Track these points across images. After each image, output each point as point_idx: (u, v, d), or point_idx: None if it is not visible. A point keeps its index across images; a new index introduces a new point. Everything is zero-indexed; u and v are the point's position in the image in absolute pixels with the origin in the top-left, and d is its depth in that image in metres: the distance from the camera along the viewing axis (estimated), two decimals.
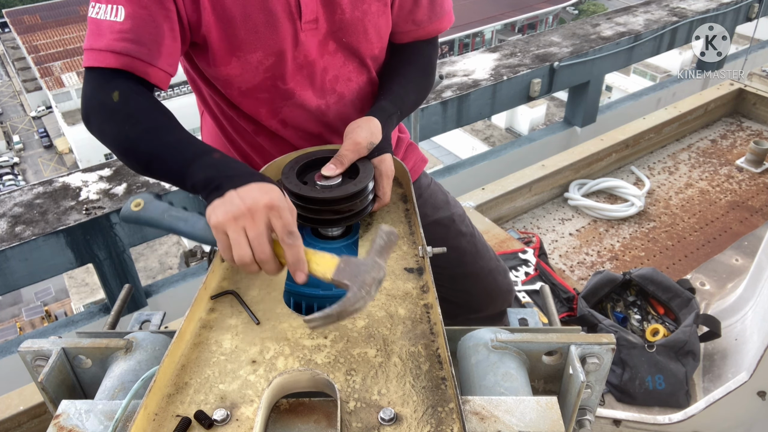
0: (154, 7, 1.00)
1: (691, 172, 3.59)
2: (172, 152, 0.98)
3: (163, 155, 0.99)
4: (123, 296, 1.16)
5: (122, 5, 0.98)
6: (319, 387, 0.80)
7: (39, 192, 2.78)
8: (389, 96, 1.22)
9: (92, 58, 1.00)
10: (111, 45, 0.98)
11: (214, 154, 0.97)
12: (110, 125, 1.01)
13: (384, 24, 1.20)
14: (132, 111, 1.00)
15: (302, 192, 1.03)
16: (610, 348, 0.86)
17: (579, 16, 31.71)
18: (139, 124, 1.00)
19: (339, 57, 1.18)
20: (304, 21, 1.09)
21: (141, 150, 1.00)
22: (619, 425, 1.95)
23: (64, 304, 16.30)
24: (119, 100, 0.99)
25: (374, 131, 1.12)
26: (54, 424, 0.76)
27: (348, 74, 1.22)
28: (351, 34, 1.15)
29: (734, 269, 2.69)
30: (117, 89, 0.99)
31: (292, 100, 1.19)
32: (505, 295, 1.65)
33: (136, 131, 0.99)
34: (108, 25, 0.99)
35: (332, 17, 1.12)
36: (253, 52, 1.10)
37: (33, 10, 31.19)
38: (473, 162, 4.09)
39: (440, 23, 1.29)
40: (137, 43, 0.99)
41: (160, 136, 0.99)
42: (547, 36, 4.42)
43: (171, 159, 0.98)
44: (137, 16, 0.99)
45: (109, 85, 1.00)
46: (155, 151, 0.99)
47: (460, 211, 1.55)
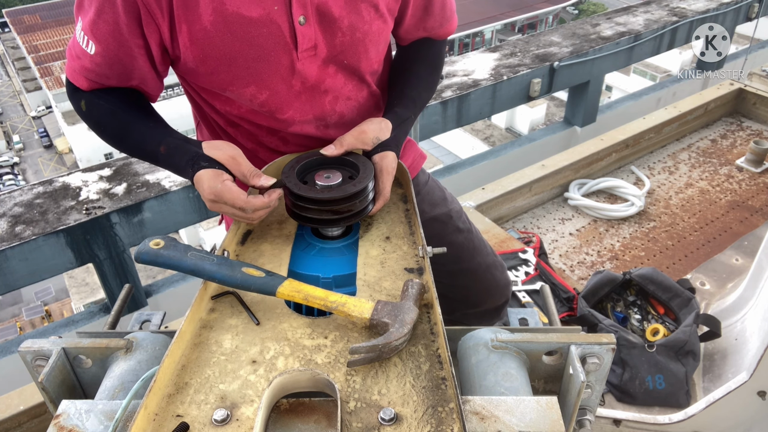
0: (122, 51, 1.03)
1: (691, 171, 3.59)
2: (140, 154, 1.13)
3: (137, 155, 1.15)
4: (123, 296, 1.16)
5: (93, 42, 1.03)
6: (320, 387, 0.80)
7: (39, 192, 2.78)
8: (403, 101, 1.22)
9: (69, 73, 1.10)
10: (83, 71, 1.07)
11: (161, 148, 1.07)
12: (91, 128, 1.14)
13: (384, 40, 1.19)
14: (97, 119, 1.12)
15: (302, 192, 1.03)
16: (610, 348, 0.86)
17: (579, 16, 31.71)
18: (106, 131, 1.13)
19: (339, 78, 1.16)
20: (301, 50, 1.06)
21: (121, 149, 1.16)
22: (619, 425, 1.95)
23: (63, 303, 16.30)
24: (86, 109, 1.11)
25: (383, 128, 1.14)
26: (54, 424, 0.76)
27: (348, 93, 1.20)
28: (352, 55, 1.13)
29: (734, 269, 2.69)
30: (83, 98, 1.10)
31: (292, 128, 1.18)
32: (503, 290, 1.66)
33: (107, 137, 1.13)
34: (82, 52, 1.06)
35: (332, 41, 1.09)
36: (246, 87, 1.09)
37: (33, 10, 31.18)
38: (473, 162, 4.09)
39: (449, 27, 1.29)
40: (106, 77, 1.07)
41: (123, 142, 1.12)
42: (547, 36, 4.41)
43: (144, 158, 1.13)
44: (105, 55, 1.04)
45: (78, 94, 1.11)
46: (129, 153, 1.16)
47: (458, 207, 1.55)
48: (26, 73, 29.88)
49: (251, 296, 0.97)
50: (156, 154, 1.08)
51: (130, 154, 1.17)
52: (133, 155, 1.18)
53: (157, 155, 1.08)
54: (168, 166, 1.09)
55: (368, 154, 1.14)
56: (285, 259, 1.05)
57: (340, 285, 1.02)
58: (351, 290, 0.98)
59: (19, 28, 30.17)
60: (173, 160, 1.06)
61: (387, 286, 0.98)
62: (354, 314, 0.87)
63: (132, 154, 1.17)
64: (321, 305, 0.89)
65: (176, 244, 0.95)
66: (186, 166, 1.04)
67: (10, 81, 32.01)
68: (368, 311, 0.87)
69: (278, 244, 1.09)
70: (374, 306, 0.88)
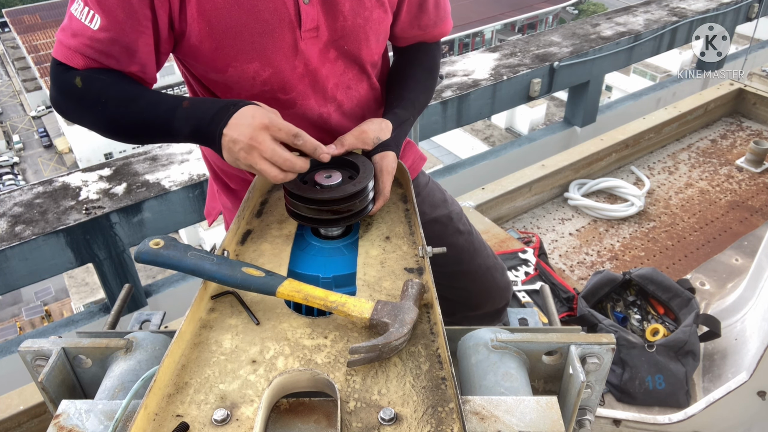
0: (129, 24, 0.99)
1: (691, 172, 3.59)
2: (150, 116, 1.01)
3: (144, 123, 1.02)
4: (123, 296, 1.16)
5: (99, 15, 0.98)
6: (319, 387, 0.80)
7: (39, 192, 2.78)
8: (401, 103, 1.23)
9: (61, 53, 1.02)
10: (81, 48, 1.00)
11: (184, 103, 1.00)
12: (84, 112, 1.04)
13: (384, 31, 1.20)
14: (98, 92, 1.01)
15: (302, 192, 1.03)
16: (610, 348, 0.86)
17: (579, 16, 31.71)
18: (109, 102, 1.02)
19: (339, 65, 1.17)
20: (304, 29, 1.07)
21: (123, 126, 1.04)
22: (619, 425, 1.95)
23: (63, 303, 16.30)
24: (83, 85, 1.01)
25: (384, 128, 1.14)
26: (54, 424, 0.76)
27: (348, 82, 1.21)
28: (352, 41, 1.14)
29: (734, 269, 2.69)
30: (78, 75, 1.01)
31: (294, 110, 1.18)
32: (503, 293, 1.66)
33: (110, 107, 1.02)
34: (82, 28, 0.99)
35: (334, 25, 1.10)
36: (249, 63, 1.08)
37: (33, 9, 31.20)
38: (473, 162, 4.09)
39: (444, 27, 1.31)
40: (107, 55, 1.01)
41: (131, 107, 1.02)
42: (547, 36, 4.42)
43: (152, 124, 1.02)
44: (111, 29, 0.99)
45: (71, 73, 1.02)
46: (135, 121, 1.03)
47: (458, 209, 1.55)
48: (26, 72, 29.88)
49: (251, 296, 0.97)
50: (173, 111, 0.99)
51: (130, 129, 1.04)
52: (134, 129, 1.04)
53: (174, 112, 0.99)
54: (188, 120, 0.99)
55: (368, 154, 1.14)
56: (285, 259, 1.05)
57: (340, 285, 1.02)
58: (351, 290, 0.98)
59: (18, 28, 30.17)
60: (199, 112, 0.99)
61: (387, 286, 0.98)
62: (354, 314, 0.87)
63: (134, 127, 1.04)
64: (321, 305, 0.89)
65: (176, 244, 0.95)
66: (220, 112, 0.97)
67: (10, 81, 32.01)
68: (368, 311, 0.87)
69: (278, 244, 1.09)
70: (374, 306, 0.88)
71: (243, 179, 1.35)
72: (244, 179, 1.35)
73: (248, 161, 0.95)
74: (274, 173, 0.96)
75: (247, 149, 0.94)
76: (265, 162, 0.95)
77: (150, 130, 1.03)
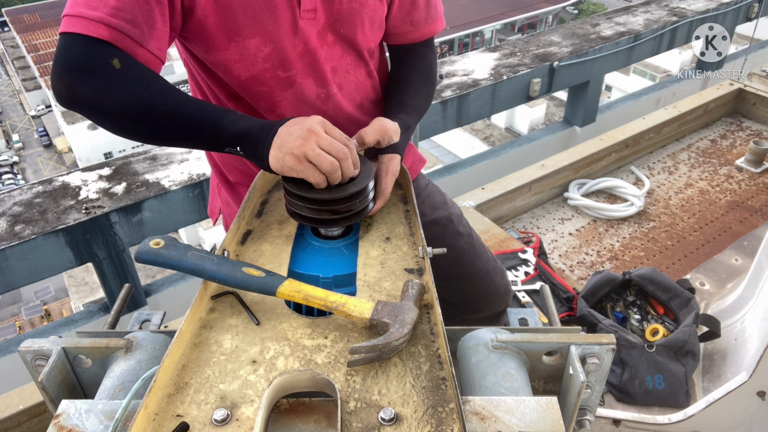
0: None
1: (690, 172, 3.59)
2: (196, 108, 1.00)
3: (187, 112, 1.00)
4: (123, 296, 1.15)
5: None
6: (320, 387, 0.80)
7: (38, 191, 2.78)
8: (405, 109, 1.25)
9: (81, 25, 0.95)
10: (105, 18, 0.95)
11: (238, 111, 1.03)
12: (115, 88, 0.97)
13: (379, 19, 1.23)
14: (139, 75, 0.98)
15: (301, 192, 1.02)
16: (610, 348, 0.86)
17: (579, 15, 31.71)
18: (153, 86, 0.98)
19: (337, 49, 1.20)
20: (303, 9, 1.11)
21: (159, 109, 0.98)
22: (618, 425, 1.95)
23: (63, 303, 16.30)
24: (121, 66, 0.96)
25: (395, 130, 1.16)
26: (54, 424, 0.76)
27: (346, 66, 1.23)
28: (348, 25, 1.17)
29: (734, 269, 2.69)
30: (115, 56, 0.96)
31: (292, 90, 1.19)
32: (503, 296, 1.66)
33: (151, 92, 0.98)
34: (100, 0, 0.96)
35: (330, 8, 1.14)
36: (251, 38, 1.10)
37: (32, 9, 31.18)
38: (473, 162, 4.09)
39: (435, 25, 1.33)
40: (131, 23, 0.97)
41: (178, 96, 0.99)
42: (547, 36, 4.42)
43: (196, 115, 1.00)
44: None
45: (105, 53, 0.96)
46: (177, 109, 0.99)
47: (458, 211, 1.56)
48: (26, 72, 29.86)
49: (251, 296, 0.97)
50: (225, 112, 1.01)
51: (165, 117, 1.00)
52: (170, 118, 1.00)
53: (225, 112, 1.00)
54: (241, 121, 1.00)
55: (378, 152, 1.16)
56: (285, 259, 1.05)
57: (340, 285, 1.02)
58: (351, 290, 0.98)
59: (18, 28, 30.15)
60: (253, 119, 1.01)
61: (387, 286, 0.98)
62: (354, 314, 0.87)
63: (172, 116, 1.00)
64: (321, 305, 0.89)
65: (176, 244, 0.95)
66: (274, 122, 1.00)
67: (10, 80, 32.00)
68: (368, 311, 0.87)
69: (278, 244, 1.09)
70: (374, 306, 0.88)
71: (242, 171, 1.36)
72: (242, 171, 1.35)
73: (303, 149, 0.94)
74: (327, 163, 0.95)
75: (305, 136, 0.95)
76: (320, 151, 0.95)
77: (189, 123, 1.00)
